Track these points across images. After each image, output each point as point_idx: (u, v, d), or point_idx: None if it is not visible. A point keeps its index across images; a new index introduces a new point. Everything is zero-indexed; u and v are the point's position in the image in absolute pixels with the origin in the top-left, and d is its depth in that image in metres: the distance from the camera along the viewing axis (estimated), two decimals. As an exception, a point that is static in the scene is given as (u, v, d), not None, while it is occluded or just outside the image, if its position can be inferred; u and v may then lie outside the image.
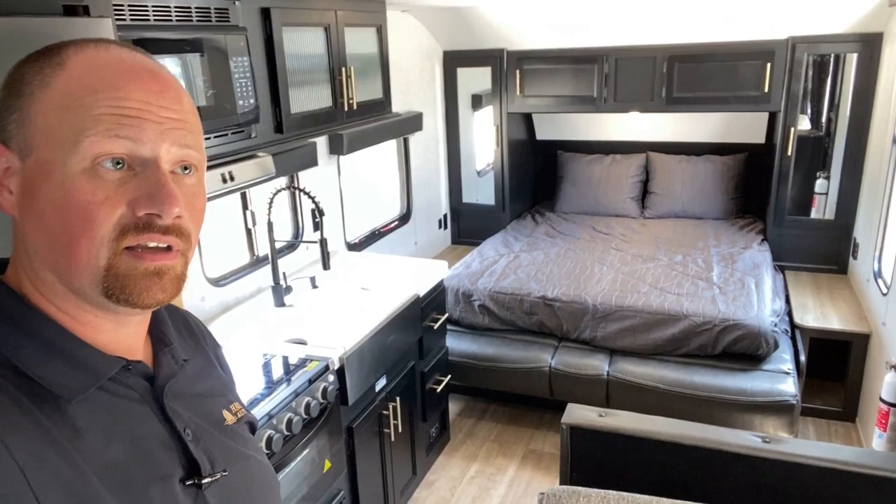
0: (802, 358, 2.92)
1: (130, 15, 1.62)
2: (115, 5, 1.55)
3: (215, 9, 1.85)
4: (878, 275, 3.00)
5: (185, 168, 0.66)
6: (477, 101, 4.41)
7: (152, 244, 0.62)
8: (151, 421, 0.67)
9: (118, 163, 0.61)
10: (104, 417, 0.63)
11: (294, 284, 2.64)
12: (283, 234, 2.92)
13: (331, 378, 2.06)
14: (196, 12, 1.79)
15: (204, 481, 0.68)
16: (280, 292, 2.54)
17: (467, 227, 4.54)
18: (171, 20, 1.72)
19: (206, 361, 0.84)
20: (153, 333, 0.75)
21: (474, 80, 4.28)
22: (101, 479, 0.59)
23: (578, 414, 1.82)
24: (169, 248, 0.64)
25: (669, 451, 1.70)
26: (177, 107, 0.65)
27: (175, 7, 1.73)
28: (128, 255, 0.62)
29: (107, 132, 0.60)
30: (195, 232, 0.67)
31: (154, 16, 1.68)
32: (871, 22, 3.21)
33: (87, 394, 0.62)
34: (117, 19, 1.57)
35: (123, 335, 0.69)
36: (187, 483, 0.67)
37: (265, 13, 2.10)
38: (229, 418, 0.79)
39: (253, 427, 0.86)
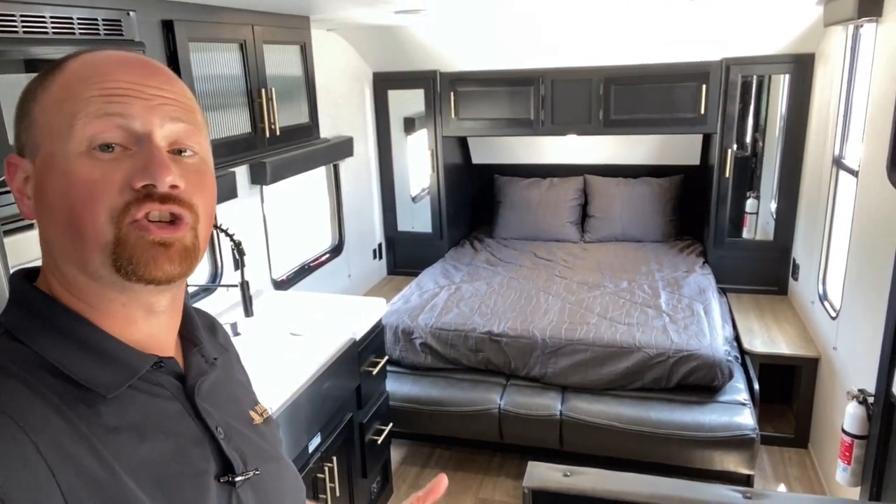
0: (756, 386, 2.83)
1: (-9, 25, 1.32)
2: (-34, 12, 1.25)
3: (104, 20, 1.56)
4: (823, 297, 2.96)
5: (182, 151, 0.65)
6: (410, 125, 4.20)
7: (154, 214, 0.62)
8: (184, 419, 0.67)
9: (108, 146, 0.61)
10: (137, 415, 0.63)
11: (212, 333, 2.33)
12: (199, 275, 2.61)
13: (255, 447, 1.77)
14: (79, 24, 1.50)
15: (237, 479, 0.68)
16: (195, 344, 2.22)
17: (404, 256, 4.31)
18: (46, 33, 1.42)
19: (231, 362, 0.84)
20: (182, 335, 0.75)
21: (406, 102, 4.08)
22: (134, 477, 0.59)
23: (541, 475, 1.63)
24: (175, 222, 0.63)
25: (644, 512, 1.55)
26: (167, 87, 0.65)
27: (52, 17, 1.44)
28: (135, 227, 0.61)
29: (96, 112, 0.60)
30: (203, 206, 0.66)
31: (24, 27, 1.38)
32: (803, 43, 3.23)
33: (121, 391, 0.62)
34: (-28, 30, 1.28)
35: (155, 328, 0.68)
36: (221, 480, 0.67)
37: (167, 26, 1.82)
38: (256, 418, 0.79)
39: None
